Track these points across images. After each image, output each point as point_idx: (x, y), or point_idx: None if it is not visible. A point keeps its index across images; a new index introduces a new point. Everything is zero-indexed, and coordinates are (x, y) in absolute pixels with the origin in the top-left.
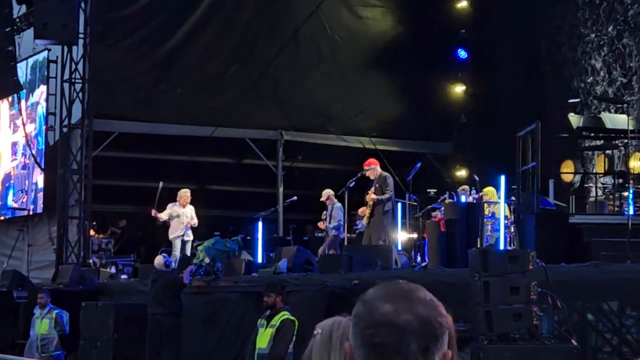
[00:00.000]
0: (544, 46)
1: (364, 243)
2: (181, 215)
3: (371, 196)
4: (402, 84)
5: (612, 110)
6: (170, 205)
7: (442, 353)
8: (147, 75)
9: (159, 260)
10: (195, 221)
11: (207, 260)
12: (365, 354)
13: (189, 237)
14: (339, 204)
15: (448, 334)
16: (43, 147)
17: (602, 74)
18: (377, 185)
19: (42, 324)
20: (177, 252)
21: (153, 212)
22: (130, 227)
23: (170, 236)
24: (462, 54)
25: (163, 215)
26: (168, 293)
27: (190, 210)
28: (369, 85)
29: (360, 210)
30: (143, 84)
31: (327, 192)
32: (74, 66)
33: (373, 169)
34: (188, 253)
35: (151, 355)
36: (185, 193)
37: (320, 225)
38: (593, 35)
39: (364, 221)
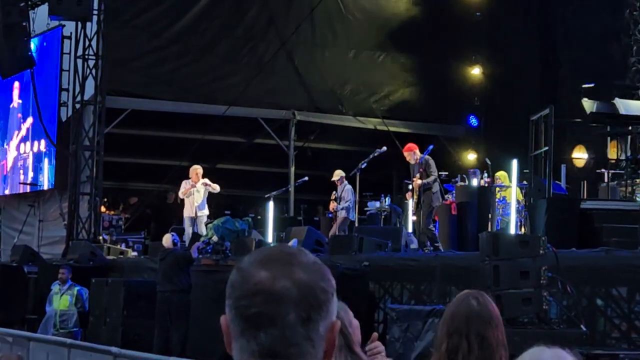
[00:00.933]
0: (560, 30)
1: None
2: (194, 193)
3: (417, 182)
4: (415, 66)
5: (630, 96)
6: (183, 183)
7: (328, 323)
8: (161, 53)
9: (167, 239)
10: (215, 186)
11: (215, 238)
12: (240, 327)
13: (204, 213)
14: (349, 186)
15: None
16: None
17: (618, 59)
18: (420, 170)
19: (62, 300)
20: (187, 229)
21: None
22: (141, 204)
23: (185, 214)
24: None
25: (182, 194)
26: (177, 269)
27: (202, 186)
28: (382, 66)
29: (407, 195)
30: (156, 62)
31: (339, 173)
32: (87, 42)
33: (414, 153)
34: (203, 229)
35: (160, 332)
36: (195, 170)
37: (331, 206)
38: (609, 20)
39: (413, 207)
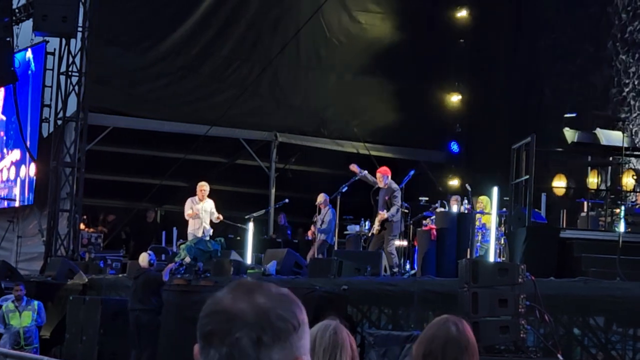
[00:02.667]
0: (543, 59)
1: (370, 249)
2: (200, 210)
3: (383, 216)
4: (398, 91)
5: (611, 127)
6: (188, 200)
7: (288, 355)
8: (145, 72)
9: (143, 257)
10: (216, 215)
11: (187, 259)
12: (200, 345)
13: (210, 233)
14: (332, 210)
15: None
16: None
17: (600, 89)
18: (386, 198)
19: (25, 316)
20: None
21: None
22: (120, 222)
23: (189, 230)
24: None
25: (189, 213)
26: (147, 290)
27: (209, 205)
28: (365, 90)
29: (309, 233)
30: (139, 80)
31: (323, 196)
32: (71, 59)
33: (386, 178)
34: None
35: (136, 351)
36: (201, 187)
37: (310, 232)
38: (592, 50)
39: (374, 230)
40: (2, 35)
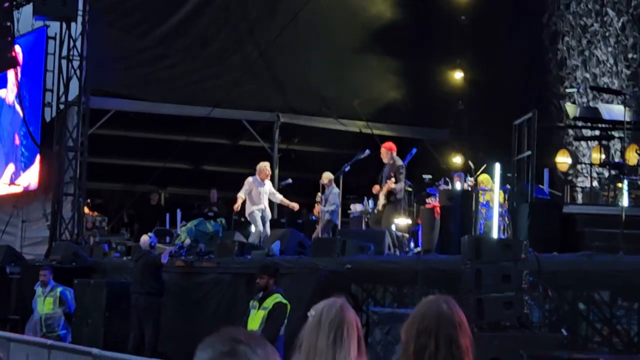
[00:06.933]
0: (546, 35)
1: (371, 226)
2: (260, 192)
3: (390, 186)
4: (400, 69)
5: (618, 101)
6: (250, 180)
7: None
8: (146, 54)
9: (144, 239)
10: (278, 196)
11: (188, 241)
12: None
13: (269, 214)
14: (336, 189)
15: None
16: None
17: (607, 65)
18: (391, 174)
19: (46, 303)
20: (258, 226)
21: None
22: (124, 205)
23: (247, 212)
24: None
25: (241, 195)
26: (146, 273)
27: (269, 186)
28: (366, 69)
29: (374, 189)
30: (141, 63)
31: (328, 175)
32: (72, 43)
33: (390, 153)
34: (268, 232)
35: (134, 332)
36: (265, 167)
37: (315, 210)
38: (597, 26)
39: (379, 206)
40: (2, 21)
